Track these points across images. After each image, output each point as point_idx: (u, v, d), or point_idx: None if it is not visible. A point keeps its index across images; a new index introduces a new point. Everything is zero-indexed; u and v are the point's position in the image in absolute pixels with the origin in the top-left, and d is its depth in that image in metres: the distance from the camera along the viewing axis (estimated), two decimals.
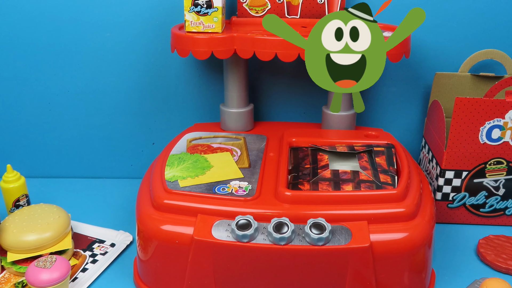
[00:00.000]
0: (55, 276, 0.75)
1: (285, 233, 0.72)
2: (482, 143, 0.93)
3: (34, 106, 1.11)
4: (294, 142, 0.93)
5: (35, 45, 1.05)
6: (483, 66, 1.06)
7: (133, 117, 1.12)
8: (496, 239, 0.92)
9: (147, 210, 0.79)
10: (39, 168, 1.17)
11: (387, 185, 0.82)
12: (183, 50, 0.89)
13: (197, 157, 0.88)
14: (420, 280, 0.79)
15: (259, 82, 1.10)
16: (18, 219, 0.86)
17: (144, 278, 0.82)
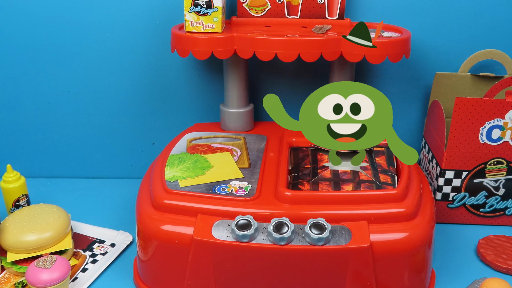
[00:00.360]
0: (55, 276, 0.75)
1: (285, 233, 0.72)
2: (482, 143, 0.93)
3: (34, 106, 1.11)
4: (294, 142, 0.93)
5: (35, 45, 1.05)
6: (483, 66, 1.06)
7: (133, 117, 1.12)
8: (496, 239, 0.92)
9: (147, 210, 0.79)
10: (39, 168, 1.17)
11: (387, 185, 0.82)
12: (183, 50, 0.89)
13: (197, 157, 0.88)
14: (420, 280, 0.79)
15: (259, 82, 1.10)
16: (18, 219, 0.86)
17: (144, 278, 0.82)
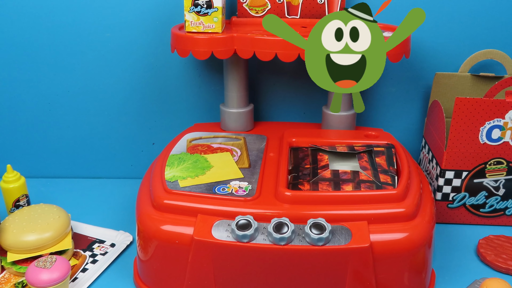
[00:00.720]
0: (55, 276, 0.75)
1: (285, 233, 0.72)
2: (482, 143, 0.93)
3: (34, 106, 1.11)
4: (294, 142, 0.93)
5: (35, 45, 1.06)
6: (483, 66, 1.06)
7: (133, 117, 1.12)
8: (496, 239, 0.92)
9: (147, 210, 0.79)
10: (39, 168, 1.17)
11: (387, 185, 0.82)
12: (183, 50, 0.89)
13: (197, 157, 0.88)
14: (420, 280, 0.79)
15: (259, 82, 1.10)
16: (18, 219, 0.86)
17: (144, 278, 0.82)
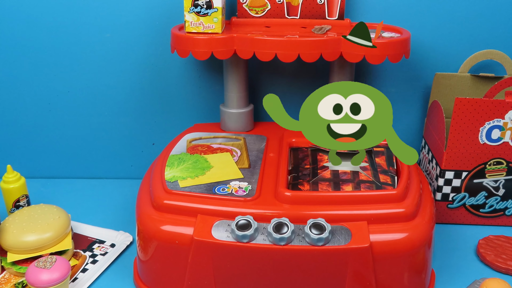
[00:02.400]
0: (55, 277, 0.75)
1: (285, 234, 0.72)
2: (482, 144, 0.93)
3: (34, 107, 1.11)
4: (294, 143, 0.93)
5: (35, 45, 1.06)
6: (483, 66, 1.06)
7: (133, 118, 1.12)
8: (496, 240, 0.92)
9: (147, 210, 0.79)
10: (39, 169, 1.17)
11: (387, 186, 0.82)
12: (183, 51, 0.89)
13: (197, 158, 0.89)
14: (420, 280, 0.79)
15: (259, 83, 1.10)
16: (18, 219, 0.86)
17: (144, 278, 0.82)
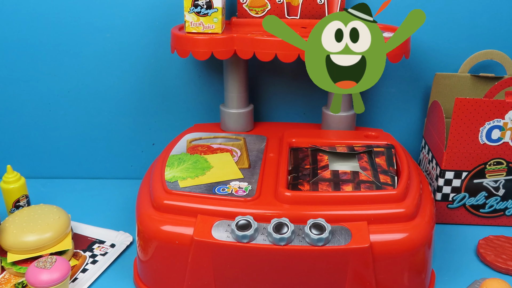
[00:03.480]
0: (55, 277, 0.75)
1: (285, 234, 0.72)
2: (482, 144, 0.93)
3: (34, 107, 1.11)
4: (294, 143, 0.93)
5: (35, 46, 1.06)
6: (483, 66, 1.06)
7: (133, 118, 1.12)
8: (496, 240, 0.92)
9: (147, 210, 0.79)
10: (39, 169, 1.17)
11: (387, 186, 0.82)
12: (183, 51, 0.89)
13: (197, 158, 0.89)
14: (420, 280, 0.79)
15: (259, 83, 1.10)
16: (18, 219, 0.86)
17: (144, 278, 0.82)
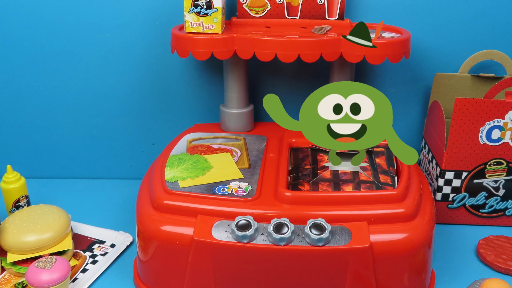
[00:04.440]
0: (55, 277, 0.75)
1: (285, 234, 0.72)
2: (482, 144, 0.93)
3: (34, 107, 1.11)
4: (294, 143, 0.93)
5: (35, 46, 1.06)
6: (483, 66, 1.06)
7: (133, 118, 1.12)
8: (496, 240, 0.92)
9: (147, 210, 0.79)
10: (39, 169, 1.17)
11: (387, 186, 0.82)
12: (183, 51, 0.89)
13: (197, 158, 0.89)
14: (420, 280, 0.79)
15: (259, 83, 1.10)
16: (18, 219, 0.86)
17: (144, 278, 0.82)
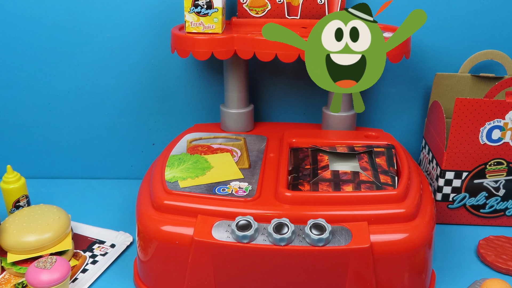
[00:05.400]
0: (55, 277, 0.75)
1: (285, 234, 0.72)
2: (482, 144, 0.93)
3: (34, 107, 1.11)
4: (294, 143, 0.93)
5: (35, 46, 1.06)
6: (483, 66, 1.06)
7: (133, 118, 1.12)
8: (496, 240, 0.92)
9: (147, 210, 0.79)
10: (39, 169, 1.17)
11: (387, 186, 0.82)
12: (183, 51, 0.89)
13: (197, 158, 0.88)
14: (420, 281, 0.79)
15: (259, 83, 1.10)
16: (18, 220, 0.86)
17: (144, 279, 0.82)
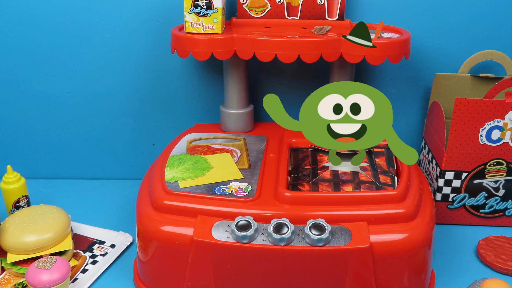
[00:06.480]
0: (55, 277, 0.75)
1: (285, 234, 0.72)
2: (482, 144, 0.93)
3: (34, 107, 1.11)
4: (294, 143, 0.93)
5: (35, 46, 1.06)
6: (483, 67, 1.06)
7: (133, 118, 1.12)
8: (496, 240, 0.92)
9: (147, 211, 0.79)
10: (39, 169, 1.17)
11: (387, 186, 0.82)
12: (183, 51, 0.89)
13: (197, 158, 0.89)
14: (420, 281, 0.79)
15: (259, 83, 1.10)
16: (18, 220, 0.86)
17: (144, 279, 0.82)
